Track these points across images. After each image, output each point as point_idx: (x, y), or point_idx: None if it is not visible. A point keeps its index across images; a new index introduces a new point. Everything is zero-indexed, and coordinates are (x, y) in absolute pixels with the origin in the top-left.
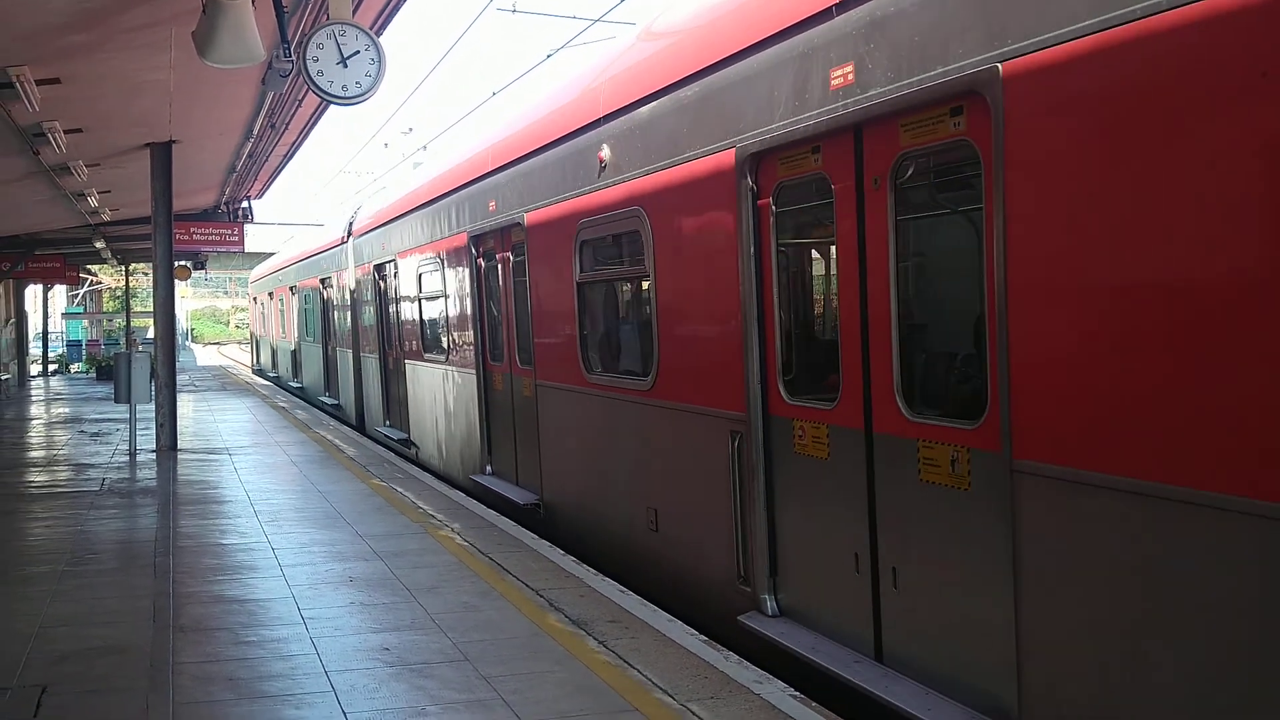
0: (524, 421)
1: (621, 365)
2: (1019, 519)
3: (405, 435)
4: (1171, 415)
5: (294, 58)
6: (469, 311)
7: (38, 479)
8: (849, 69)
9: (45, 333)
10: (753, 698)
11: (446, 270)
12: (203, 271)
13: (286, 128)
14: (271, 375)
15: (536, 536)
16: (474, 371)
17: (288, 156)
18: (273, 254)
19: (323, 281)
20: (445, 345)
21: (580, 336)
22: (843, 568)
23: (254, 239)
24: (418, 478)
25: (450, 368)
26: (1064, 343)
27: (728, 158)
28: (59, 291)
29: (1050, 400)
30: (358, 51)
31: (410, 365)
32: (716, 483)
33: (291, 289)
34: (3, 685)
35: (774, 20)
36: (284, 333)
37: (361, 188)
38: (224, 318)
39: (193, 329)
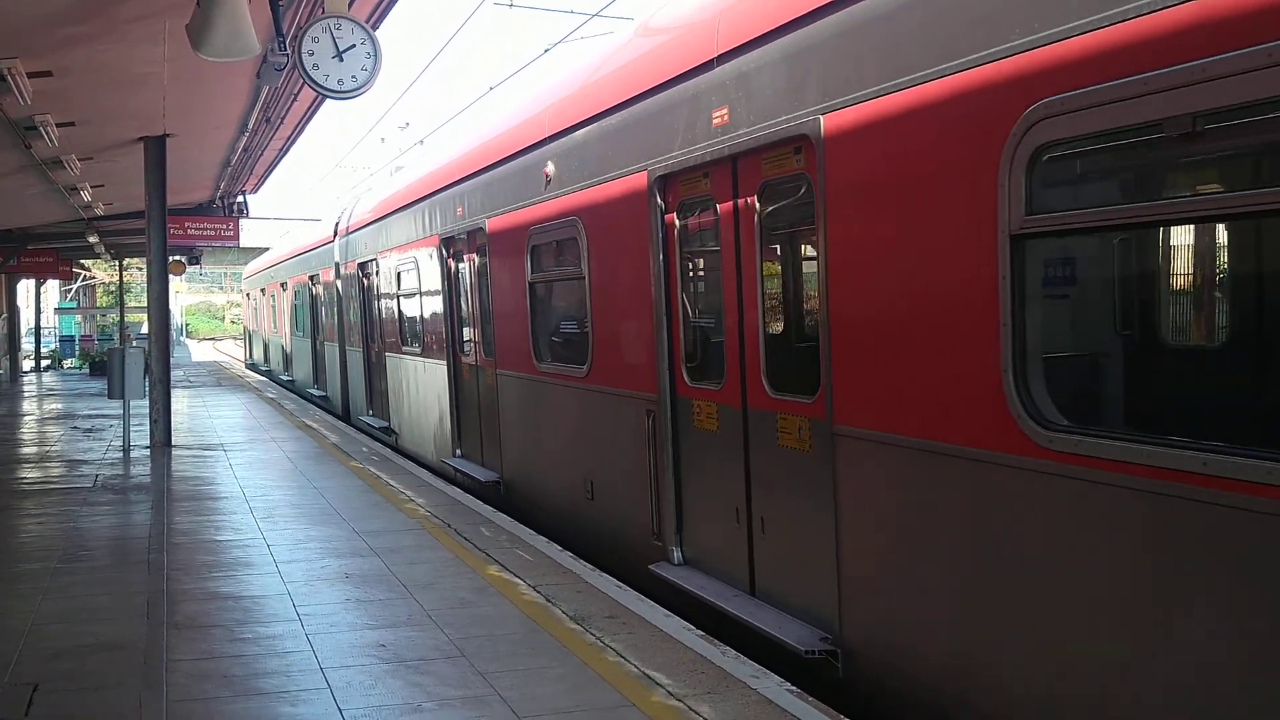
0: (487, 408)
1: (564, 356)
2: (837, 471)
3: (386, 423)
4: (916, 391)
5: (289, 51)
6: (440, 308)
7: (30, 475)
8: (725, 111)
9: (38, 328)
10: (749, 692)
11: (421, 269)
12: (197, 266)
13: (282, 122)
14: (264, 369)
15: (534, 533)
16: (444, 363)
17: (283, 151)
18: (268, 249)
19: (311, 278)
20: (420, 339)
21: (531, 330)
22: (728, 521)
23: (249, 234)
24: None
25: (424, 360)
26: (860, 335)
27: (642, 178)
28: (52, 286)
29: (854, 379)
30: (353, 45)
31: (390, 358)
32: (637, 455)
33: (282, 285)
34: None
35: (675, 65)
36: (275, 327)
37: (357, 183)
38: (219, 313)
39: (187, 324)
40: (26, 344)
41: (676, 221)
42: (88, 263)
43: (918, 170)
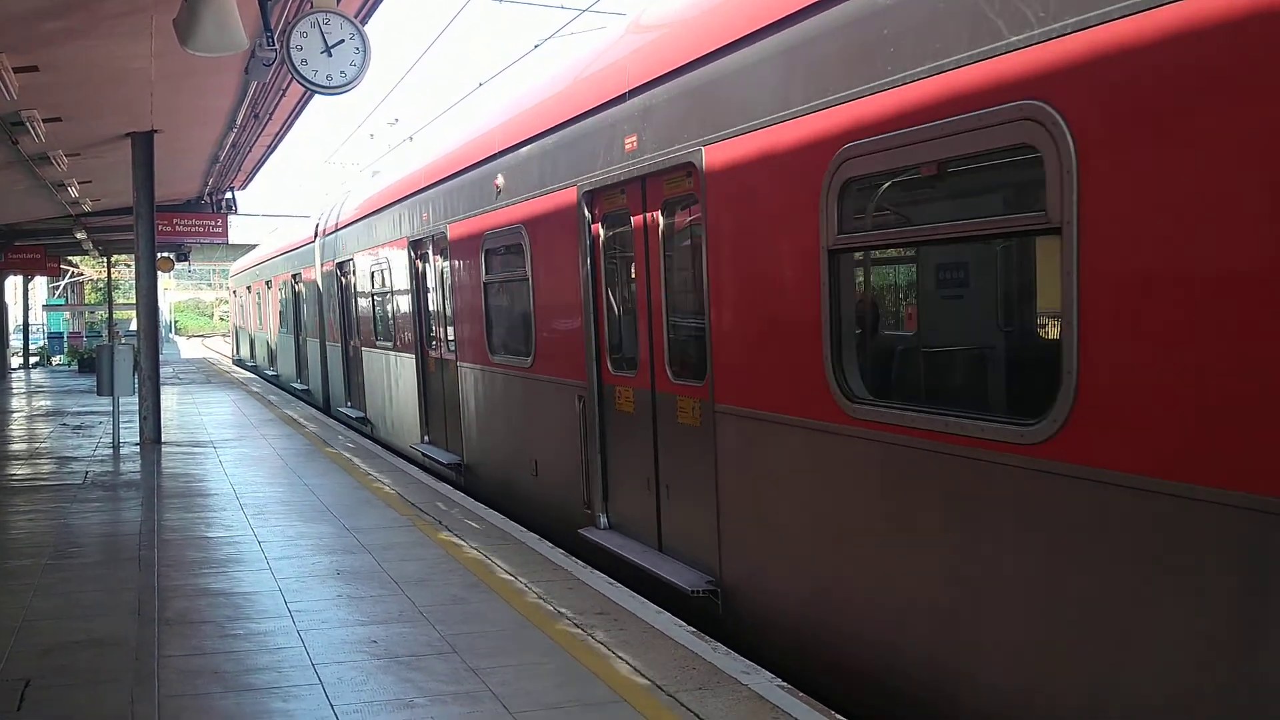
0: (450, 397)
1: (512, 349)
2: (717, 442)
3: (363, 413)
4: (770, 374)
5: (277, 46)
6: (409, 306)
7: (19, 472)
8: (635, 138)
9: (26, 325)
10: (740, 688)
11: (393, 269)
12: (186, 263)
13: (270, 117)
14: (250, 365)
15: (532, 534)
16: (414, 356)
17: (271, 147)
18: (256, 245)
19: (294, 276)
20: (391, 334)
21: (486, 326)
22: (642, 490)
23: (238, 230)
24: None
25: (396, 354)
26: (732, 330)
27: (573, 193)
28: (40, 283)
29: (729, 366)
30: (342, 40)
31: (365, 352)
32: (570, 436)
33: (267, 283)
34: None
35: (598, 96)
36: (260, 324)
37: (344, 180)
38: (208, 310)
39: (176, 321)
40: (15, 341)
41: (601, 231)
42: (76, 259)
43: (767, 196)
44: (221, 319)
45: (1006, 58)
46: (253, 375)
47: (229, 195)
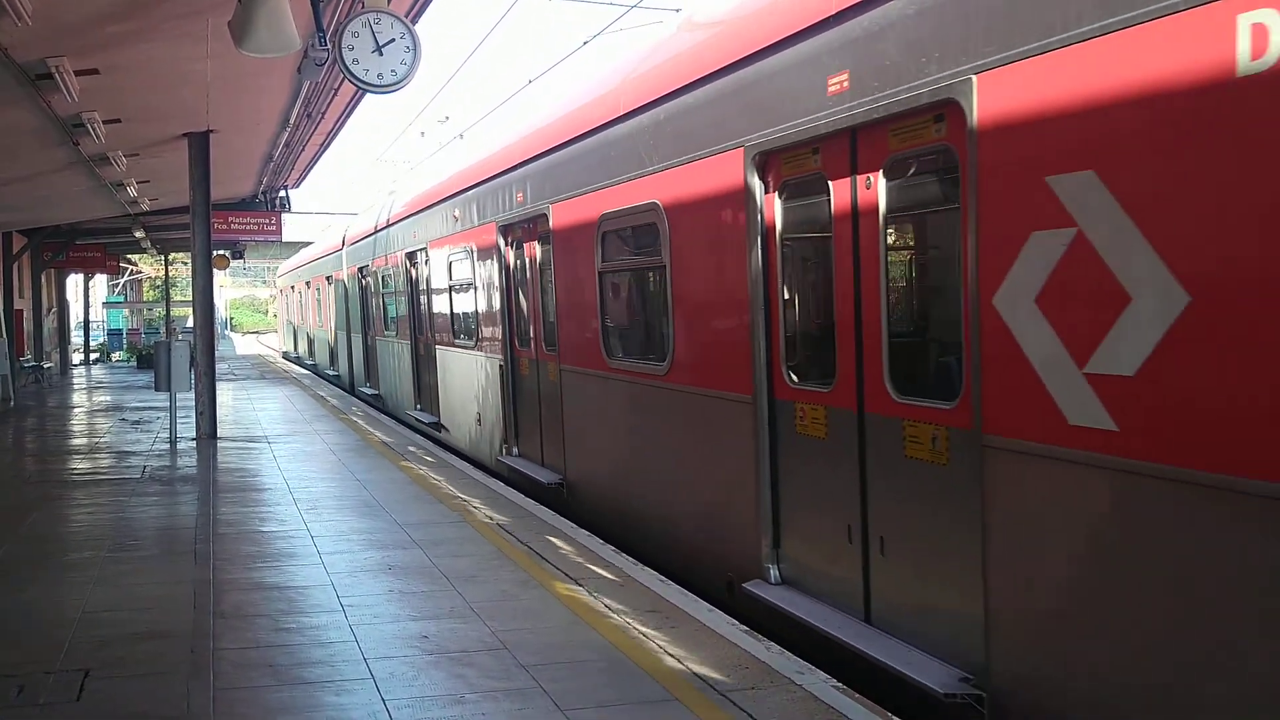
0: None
1: (460, 334)
2: (559, 390)
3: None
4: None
5: (329, 46)
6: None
7: (80, 466)
8: (522, 194)
9: (86, 321)
10: (794, 688)
11: (394, 273)
12: (241, 261)
13: (323, 117)
14: (293, 356)
15: (574, 525)
16: (409, 343)
17: (324, 145)
18: (309, 243)
19: (327, 279)
20: (392, 328)
21: (452, 319)
22: (534, 425)
23: (291, 228)
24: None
25: (397, 340)
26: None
27: (491, 228)
28: (100, 281)
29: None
30: (393, 39)
31: (380, 341)
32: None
33: (307, 283)
34: (46, 669)
35: (517, 155)
36: (302, 319)
37: (397, 176)
38: (263, 306)
39: (232, 318)
40: (76, 338)
41: (524, 252)
42: (134, 257)
43: (578, 236)
44: (276, 315)
45: (645, 179)
46: (311, 374)
47: (283, 193)
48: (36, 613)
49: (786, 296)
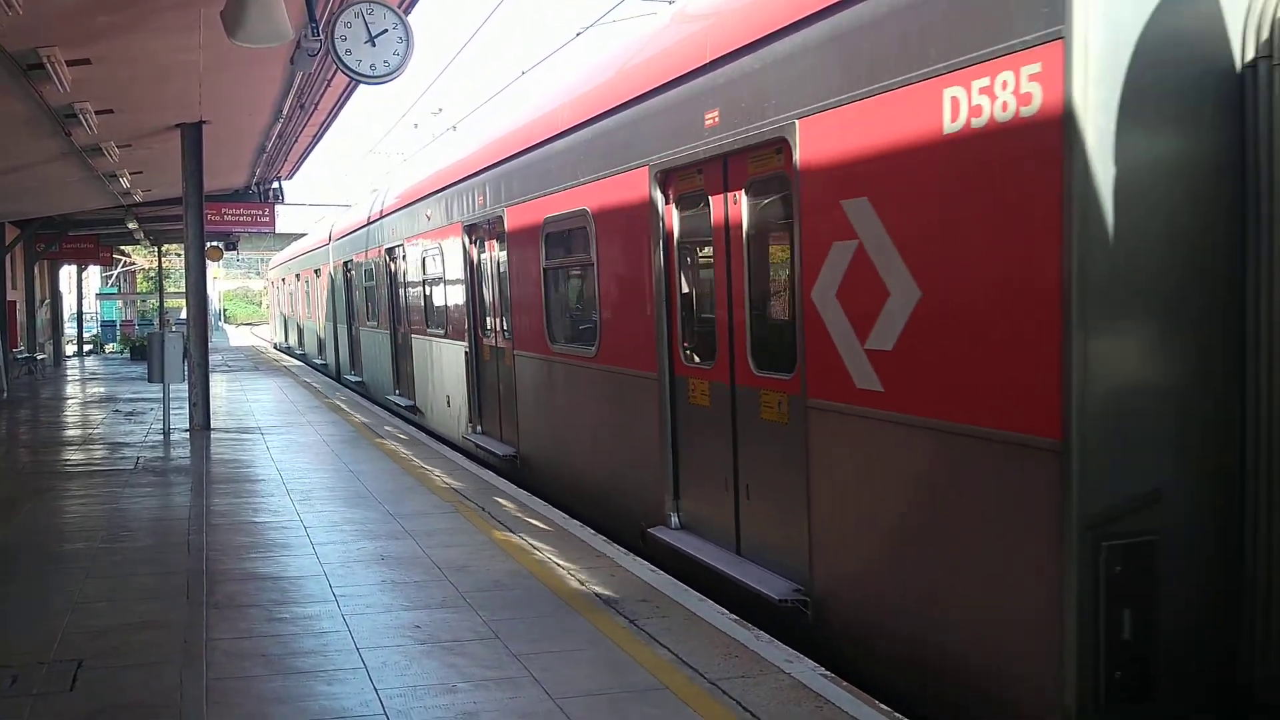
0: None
1: (432, 324)
2: (514, 373)
3: (324, 362)
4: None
5: (322, 37)
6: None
7: (74, 457)
8: (482, 197)
9: (80, 313)
10: (783, 676)
11: (375, 268)
12: (234, 252)
13: (316, 107)
14: (284, 346)
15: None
16: (388, 332)
17: (317, 137)
18: (303, 235)
19: (315, 272)
20: (373, 316)
21: (417, 311)
22: (495, 405)
23: (285, 220)
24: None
25: (377, 330)
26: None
27: (458, 227)
28: (93, 272)
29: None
30: (386, 30)
31: (363, 330)
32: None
33: (297, 276)
34: (39, 660)
35: (479, 162)
36: (293, 311)
37: (391, 168)
38: (256, 298)
39: (225, 309)
40: (69, 329)
41: (499, 246)
42: (128, 249)
43: (526, 236)
44: (268, 307)
45: (578, 189)
46: (296, 361)
47: (276, 185)
48: (30, 603)
49: (684, 290)
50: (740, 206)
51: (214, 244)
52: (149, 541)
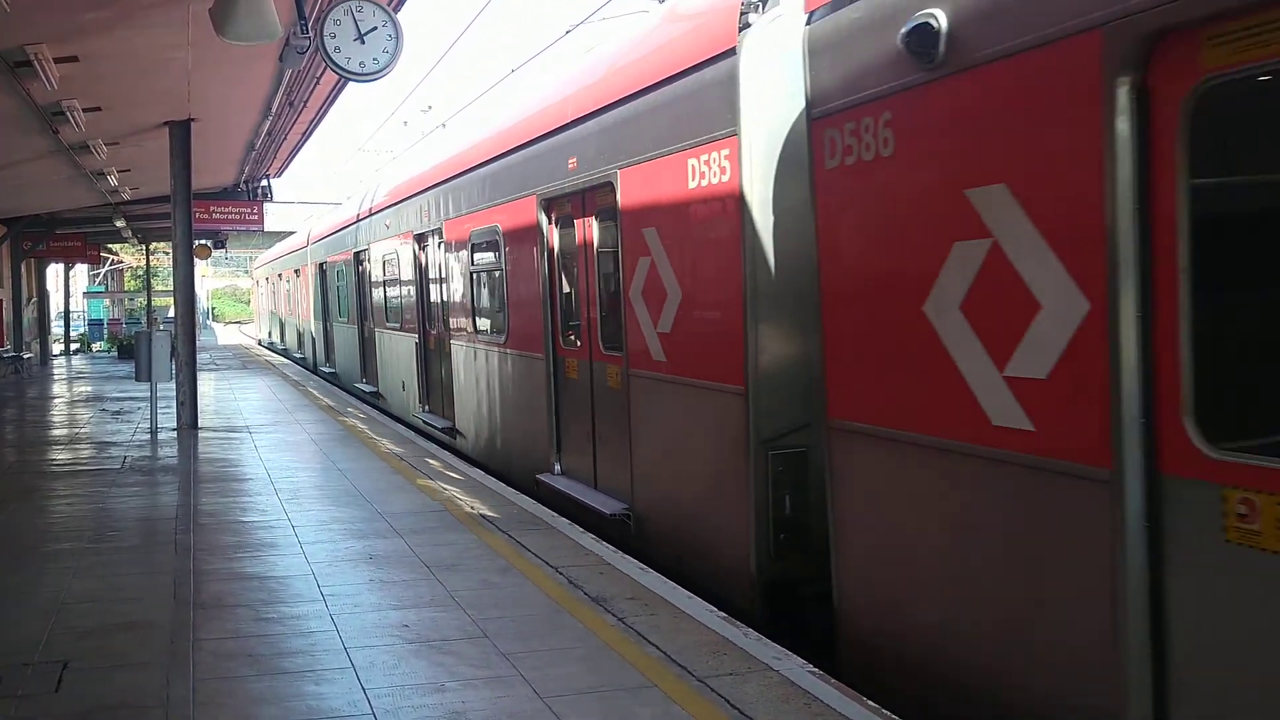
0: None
1: (390, 319)
2: (450, 359)
3: (303, 356)
4: (522, 332)
5: (311, 34)
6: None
7: (60, 457)
8: (427, 212)
9: (67, 312)
10: (771, 674)
11: (346, 269)
12: (223, 250)
13: (305, 105)
14: (267, 342)
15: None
16: (356, 327)
17: (306, 134)
18: (292, 233)
19: (295, 272)
20: (344, 315)
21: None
22: (438, 387)
23: (274, 218)
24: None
25: (347, 325)
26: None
27: (408, 236)
28: (80, 270)
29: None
30: (375, 28)
31: (336, 325)
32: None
33: (280, 276)
34: (25, 660)
35: (426, 181)
36: (275, 308)
37: (380, 166)
38: (244, 296)
39: (213, 308)
40: (56, 328)
41: (429, 255)
42: (115, 247)
43: (459, 245)
44: None
45: (492, 209)
46: (293, 365)
47: (265, 183)
48: (15, 604)
49: (564, 291)
50: (592, 229)
51: (202, 242)
52: (136, 541)
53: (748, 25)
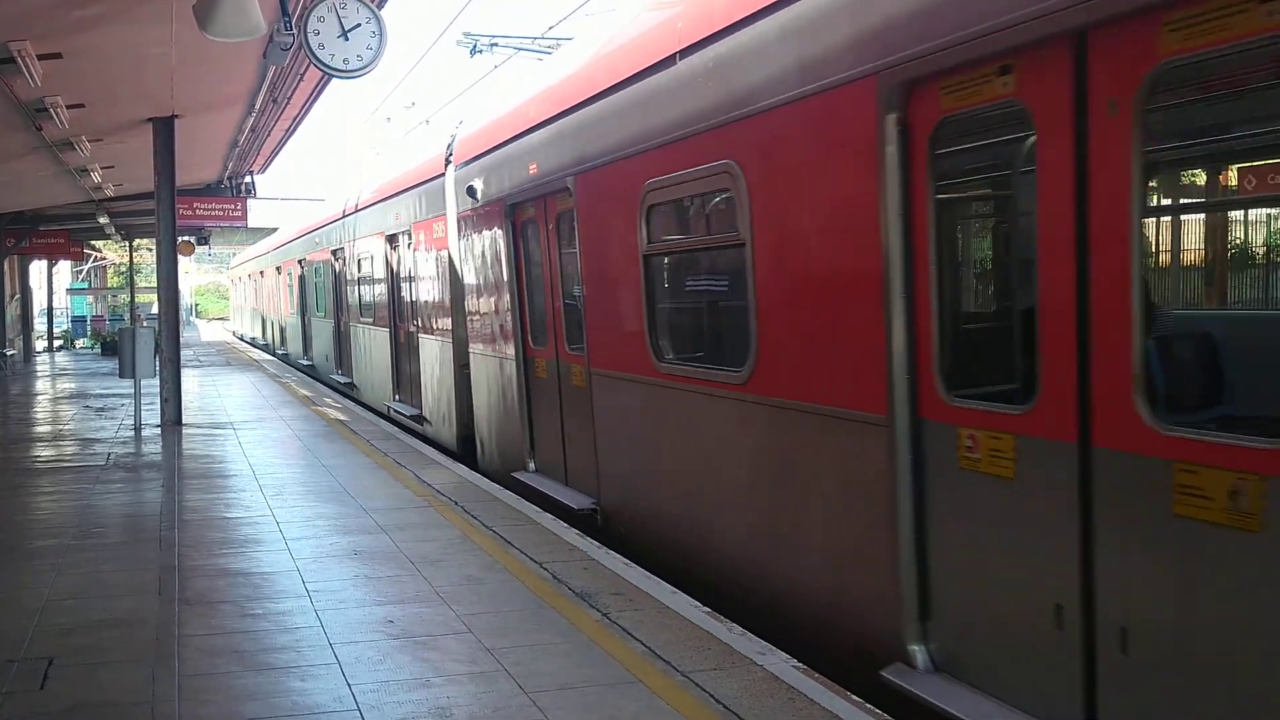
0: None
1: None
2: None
3: (285, 351)
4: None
5: (295, 31)
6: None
7: (44, 454)
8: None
9: (50, 308)
10: (755, 669)
11: (323, 267)
12: (206, 247)
13: (288, 102)
14: (248, 338)
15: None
16: (332, 322)
17: (290, 131)
18: (275, 229)
19: (277, 269)
20: (321, 310)
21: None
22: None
23: (257, 214)
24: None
25: (324, 320)
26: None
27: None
28: (63, 267)
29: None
30: (359, 24)
31: (313, 321)
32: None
33: (261, 273)
34: (9, 658)
35: (409, 180)
36: (256, 305)
37: (363, 163)
38: (228, 293)
39: (197, 304)
40: (39, 324)
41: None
42: (99, 244)
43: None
44: None
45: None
46: (274, 359)
47: (248, 179)
48: None
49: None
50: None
51: (186, 238)
52: (120, 538)
53: (449, 162)
